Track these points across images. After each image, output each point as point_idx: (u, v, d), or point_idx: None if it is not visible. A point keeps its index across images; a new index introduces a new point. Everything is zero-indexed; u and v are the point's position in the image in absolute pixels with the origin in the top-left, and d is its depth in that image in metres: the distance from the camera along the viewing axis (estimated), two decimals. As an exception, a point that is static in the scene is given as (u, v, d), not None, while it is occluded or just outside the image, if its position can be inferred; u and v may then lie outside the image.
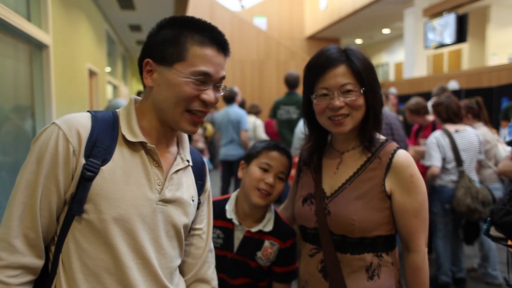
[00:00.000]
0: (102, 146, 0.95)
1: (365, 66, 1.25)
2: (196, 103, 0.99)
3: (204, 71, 0.98)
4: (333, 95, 1.23)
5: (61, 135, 0.92)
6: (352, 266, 1.25)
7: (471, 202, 3.07)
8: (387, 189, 1.24)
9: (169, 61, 0.97)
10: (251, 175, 1.44)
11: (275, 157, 1.44)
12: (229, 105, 5.20)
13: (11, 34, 2.52)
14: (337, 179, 1.31)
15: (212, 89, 1.01)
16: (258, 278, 1.49)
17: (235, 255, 1.46)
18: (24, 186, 0.91)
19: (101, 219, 0.93)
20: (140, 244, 0.97)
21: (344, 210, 1.25)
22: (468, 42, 9.52)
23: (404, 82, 9.42)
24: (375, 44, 16.25)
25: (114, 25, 7.16)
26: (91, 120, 0.97)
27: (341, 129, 1.25)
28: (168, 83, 0.98)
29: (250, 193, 1.43)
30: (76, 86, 4.05)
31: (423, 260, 1.25)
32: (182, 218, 1.07)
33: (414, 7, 9.74)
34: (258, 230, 1.45)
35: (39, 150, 0.92)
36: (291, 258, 1.49)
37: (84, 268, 0.93)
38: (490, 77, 6.64)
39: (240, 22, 11.63)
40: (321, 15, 13.36)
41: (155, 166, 1.02)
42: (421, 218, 1.25)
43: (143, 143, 1.00)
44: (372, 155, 1.28)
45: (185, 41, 0.98)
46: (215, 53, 1.00)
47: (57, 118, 3.14)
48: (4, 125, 2.50)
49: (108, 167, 0.95)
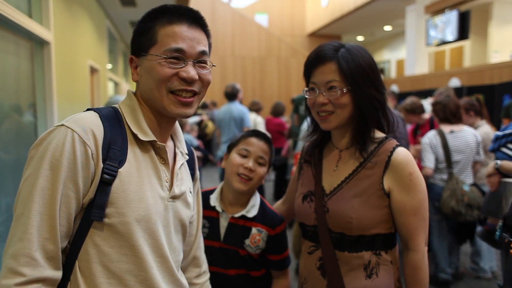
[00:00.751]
0: (116, 147, 0.92)
1: (356, 66, 1.23)
2: (176, 82, 0.96)
3: (175, 47, 0.95)
4: (318, 91, 1.25)
5: (77, 137, 0.87)
6: (350, 264, 1.25)
7: (455, 205, 3.10)
8: (385, 187, 1.24)
9: (144, 49, 0.98)
10: (231, 161, 1.48)
11: (253, 142, 1.49)
12: (231, 102, 5.18)
13: (12, 31, 2.52)
14: (336, 177, 1.31)
15: (192, 65, 0.97)
16: (250, 267, 1.50)
17: (223, 244, 1.47)
18: (40, 195, 0.84)
19: (124, 222, 0.91)
20: (159, 242, 0.98)
21: (342, 208, 1.25)
22: (470, 39, 9.48)
23: (405, 79, 9.40)
24: (376, 41, 16.21)
25: (116, 22, 7.16)
26: (100, 120, 0.93)
27: (326, 125, 1.28)
28: (147, 70, 0.97)
29: (231, 179, 1.46)
30: (77, 83, 4.05)
31: (423, 259, 1.24)
32: (186, 211, 1.09)
33: (416, 4, 9.71)
34: (241, 216, 1.48)
35: (52, 155, 0.85)
36: (283, 245, 1.52)
37: (107, 271, 0.91)
38: (492, 74, 6.62)
39: (242, 19, 11.60)
40: (322, 12, 13.33)
41: (162, 163, 1.02)
42: (420, 216, 1.24)
43: (153, 141, 0.99)
44: (371, 153, 1.28)
45: (153, 25, 0.98)
46: (185, 28, 0.97)
47: (58, 115, 3.12)
48: (5, 122, 2.51)
49: (124, 168, 0.93)
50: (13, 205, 0.89)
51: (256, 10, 14.37)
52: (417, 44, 9.80)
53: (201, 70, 1.00)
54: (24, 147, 2.78)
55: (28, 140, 2.85)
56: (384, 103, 1.28)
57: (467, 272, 3.66)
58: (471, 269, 3.65)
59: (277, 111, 6.21)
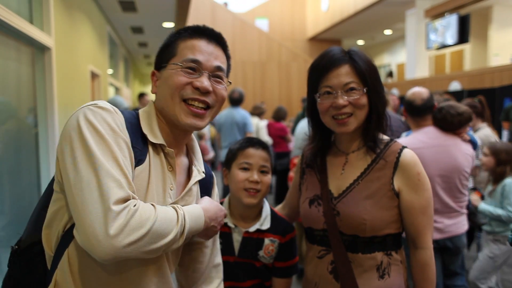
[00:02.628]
0: (138, 147, 0.95)
1: (368, 67, 1.27)
2: (189, 90, 0.99)
3: (192, 58, 0.99)
4: (337, 94, 1.24)
5: (113, 111, 0.90)
6: (363, 265, 1.26)
7: None
8: (395, 187, 1.26)
9: (165, 61, 1.03)
10: (234, 178, 1.45)
11: (252, 154, 1.45)
12: (234, 107, 5.17)
13: (14, 37, 2.53)
14: (344, 180, 1.32)
15: (207, 77, 1.00)
16: (265, 277, 1.49)
17: (238, 258, 1.46)
18: (106, 158, 0.83)
19: None
20: None
21: (354, 210, 1.25)
22: (470, 43, 9.50)
23: (406, 83, 9.40)
24: (377, 45, 16.24)
25: (116, 27, 7.18)
26: (124, 119, 0.94)
27: (345, 128, 1.26)
28: (164, 80, 1.01)
29: (239, 195, 1.43)
30: (78, 88, 4.06)
31: (431, 256, 1.27)
32: None
33: (416, 8, 9.73)
34: (256, 230, 1.46)
35: (98, 123, 0.85)
36: (290, 253, 1.50)
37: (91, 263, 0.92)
38: (492, 77, 6.63)
39: (242, 23, 11.64)
40: (322, 16, 13.36)
41: (169, 170, 1.02)
42: (427, 215, 1.28)
43: (162, 146, 1.00)
44: (378, 155, 1.29)
45: (175, 40, 1.04)
46: (204, 43, 1.02)
47: (59, 120, 3.12)
48: (6, 126, 2.51)
49: (140, 168, 0.94)
50: (14, 208, 0.88)
51: (257, 14, 14.42)
52: (417, 48, 9.81)
53: (217, 85, 1.03)
54: (24, 152, 2.78)
55: (28, 145, 2.85)
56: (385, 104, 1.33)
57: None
58: None
59: (278, 115, 6.20)
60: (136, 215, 0.81)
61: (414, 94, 2.54)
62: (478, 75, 7.01)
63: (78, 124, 0.85)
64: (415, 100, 2.50)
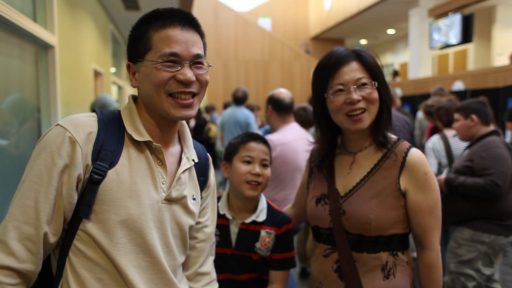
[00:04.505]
0: (109, 149, 0.95)
1: (375, 62, 1.29)
2: (174, 85, 0.98)
3: (170, 52, 0.97)
4: (350, 90, 1.24)
5: (67, 136, 0.91)
6: (368, 265, 1.26)
7: None
8: (401, 187, 1.26)
9: (140, 55, 1.00)
10: (236, 171, 1.48)
11: (253, 147, 1.50)
12: (237, 106, 5.16)
13: (17, 35, 2.53)
14: (351, 179, 1.32)
15: (188, 67, 0.99)
16: (262, 271, 1.51)
17: (235, 250, 1.48)
18: (28, 188, 0.89)
19: (109, 219, 0.93)
20: (149, 243, 0.98)
21: (359, 209, 1.25)
22: (473, 43, 9.47)
23: (409, 83, 9.38)
24: (379, 45, 16.20)
25: (119, 26, 7.19)
26: (97, 123, 0.97)
27: (360, 125, 1.26)
28: (145, 76, 0.99)
29: (241, 188, 1.47)
30: (81, 86, 4.06)
31: (437, 257, 1.26)
32: (185, 217, 1.08)
33: (419, 8, 9.70)
34: (252, 221, 1.49)
35: (44, 152, 0.90)
36: (287, 245, 1.52)
37: (94, 267, 0.94)
38: (496, 77, 6.60)
39: (245, 22, 11.63)
40: (325, 15, 13.34)
41: (159, 165, 1.02)
42: (435, 215, 1.26)
43: (148, 142, 1.00)
44: (385, 154, 1.29)
45: (147, 31, 1.00)
46: (178, 31, 0.99)
47: (62, 118, 3.15)
48: (9, 125, 2.52)
49: (115, 169, 0.95)
50: None
51: (259, 14, 14.40)
52: (421, 47, 9.78)
53: (198, 71, 1.01)
54: (27, 150, 2.79)
55: (31, 143, 2.86)
56: (392, 100, 1.34)
57: None
58: None
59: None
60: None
61: (282, 93, 2.77)
62: (482, 75, 6.99)
63: (42, 146, 0.92)
64: (285, 99, 2.72)
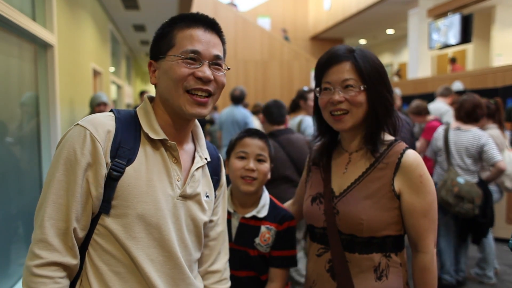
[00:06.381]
0: (126, 147, 0.99)
1: (371, 66, 1.26)
2: (192, 81, 1.01)
3: (192, 49, 1.01)
4: (334, 90, 1.25)
5: (88, 134, 0.95)
6: (360, 266, 1.25)
7: (444, 194, 3.19)
8: (396, 189, 1.24)
9: (163, 52, 1.04)
10: (232, 167, 1.51)
11: (248, 143, 1.51)
12: (235, 105, 5.16)
13: (16, 34, 2.53)
14: (346, 179, 1.31)
15: (207, 66, 1.03)
16: (260, 270, 1.50)
17: (234, 244, 1.48)
18: (57, 187, 0.94)
19: (128, 214, 0.97)
20: (166, 237, 1.02)
21: (352, 210, 1.25)
22: (473, 43, 9.47)
23: (408, 83, 9.38)
24: (379, 45, 16.20)
25: (119, 25, 7.19)
26: (114, 122, 1.01)
27: (341, 125, 1.27)
28: (165, 71, 1.03)
29: (237, 183, 1.49)
30: (80, 85, 4.06)
31: (431, 260, 1.24)
32: (200, 213, 1.11)
33: (418, 8, 9.70)
34: (252, 216, 1.49)
35: (67, 151, 0.95)
36: (288, 242, 1.51)
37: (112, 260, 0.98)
38: (495, 77, 6.60)
39: (244, 22, 11.62)
40: (325, 15, 13.34)
41: (174, 162, 1.06)
42: (429, 218, 1.25)
43: (164, 140, 1.04)
44: (381, 155, 1.28)
45: (172, 30, 1.05)
46: (201, 32, 1.04)
47: (61, 117, 3.13)
48: (8, 124, 2.51)
49: (133, 166, 0.99)
50: (16, 207, 0.92)
51: (259, 13, 14.40)
52: (420, 47, 9.78)
53: (216, 72, 1.05)
54: (27, 149, 2.78)
55: (31, 142, 2.86)
56: (393, 105, 1.30)
57: (471, 277, 3.66)
58: (476, 274, 3.64)
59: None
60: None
61: None
62: (481, 75, 6.99)
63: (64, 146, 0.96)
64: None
